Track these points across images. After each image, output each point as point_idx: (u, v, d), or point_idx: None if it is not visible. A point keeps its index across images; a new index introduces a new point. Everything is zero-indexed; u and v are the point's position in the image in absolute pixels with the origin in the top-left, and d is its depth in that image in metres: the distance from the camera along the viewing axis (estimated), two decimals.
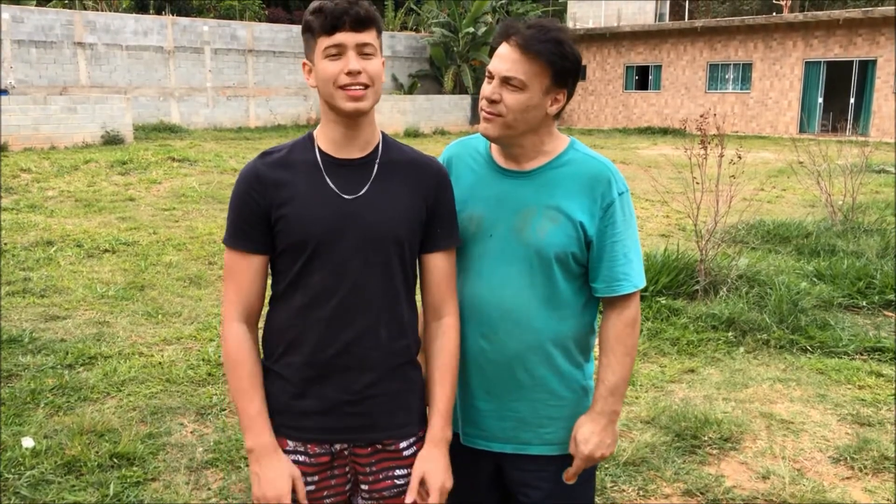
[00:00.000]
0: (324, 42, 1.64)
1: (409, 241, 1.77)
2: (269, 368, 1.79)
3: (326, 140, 1.76)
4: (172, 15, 26.57)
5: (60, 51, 22.65)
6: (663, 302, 5.64)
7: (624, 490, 3.29)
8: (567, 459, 1.92)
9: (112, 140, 18.21)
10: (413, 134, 24.93)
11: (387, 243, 1.73)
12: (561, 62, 1.76)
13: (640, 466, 3.47)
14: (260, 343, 1.82)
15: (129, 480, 3.29)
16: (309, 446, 1.77)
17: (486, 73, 1.82)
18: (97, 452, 3.48)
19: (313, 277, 1.72)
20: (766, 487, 3.32)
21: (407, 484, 1.79)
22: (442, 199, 1.81)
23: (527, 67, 1.75)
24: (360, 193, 1.73)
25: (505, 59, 1.77)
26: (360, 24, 1.63)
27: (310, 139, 1.79)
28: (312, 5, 1.66)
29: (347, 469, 1.82)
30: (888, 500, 3.22)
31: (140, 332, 5.33)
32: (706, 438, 3.73)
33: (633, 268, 1.85)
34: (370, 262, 1.72)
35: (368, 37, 1.65)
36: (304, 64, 1.74)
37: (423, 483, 1.78)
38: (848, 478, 3.42)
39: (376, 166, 1.76)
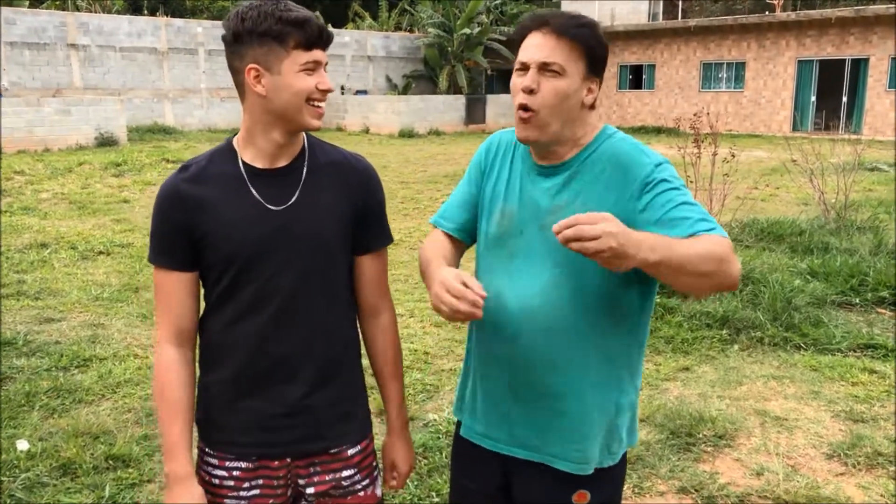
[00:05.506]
0: (301, 56, 1.61)
1: (341, 246, 1.75)
2: (205, 382, 1.77)
3: (254, 151, 1.69)
4: (166, 16, 26.55)
5: (54, 53, 22.62)
6: (658, 300, 5.65)
7: None
8: (583, 481, 1.78)
9: (106, 142, 18.20)
10: (408, 134, 24.90)
11: (319, 252, 1.70)
12: (598, 47, 1.70)
13: (635, 464, 3.48)
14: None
15: (124, 482, 3.29)
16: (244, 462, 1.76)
17: (517, 66, 1.72)
18: (92, 454, 3.48)
19: (244, 291, 1.68)
20: (761, 484, 3.34)
21: (353, 483, 1.82)
22: (370, 200, 1.79)
23: (566, 53, 1.67)
24: (289, 203, 1.68)
25: (541, 47, 1.67)
26: (327, 44, 1.67)
27: (229, 150, 1.72)
28: (286, 15, 1.60)
29: (287, 473, 1.78)
30: (881, 495, 3.24)
31: (135, 333, 5.33)
32: (701, 436, 3.75)
33: (704, 223, 1.60)
34: (303, 273, 1.69)
35: (326, 55, 1.70)
36: (249, 69, 1.60)
37: (391, 469, 1.92)
38: (841, 474, 3.44)
39: (304, 173, 1.71)
